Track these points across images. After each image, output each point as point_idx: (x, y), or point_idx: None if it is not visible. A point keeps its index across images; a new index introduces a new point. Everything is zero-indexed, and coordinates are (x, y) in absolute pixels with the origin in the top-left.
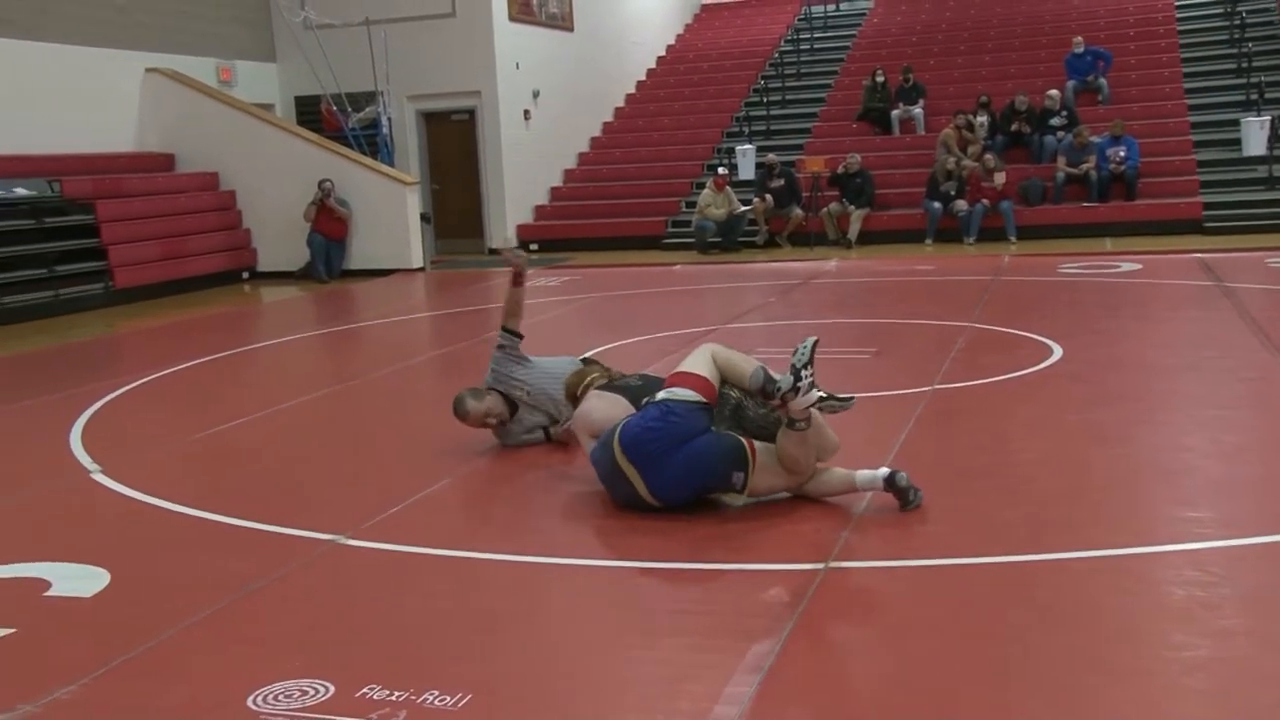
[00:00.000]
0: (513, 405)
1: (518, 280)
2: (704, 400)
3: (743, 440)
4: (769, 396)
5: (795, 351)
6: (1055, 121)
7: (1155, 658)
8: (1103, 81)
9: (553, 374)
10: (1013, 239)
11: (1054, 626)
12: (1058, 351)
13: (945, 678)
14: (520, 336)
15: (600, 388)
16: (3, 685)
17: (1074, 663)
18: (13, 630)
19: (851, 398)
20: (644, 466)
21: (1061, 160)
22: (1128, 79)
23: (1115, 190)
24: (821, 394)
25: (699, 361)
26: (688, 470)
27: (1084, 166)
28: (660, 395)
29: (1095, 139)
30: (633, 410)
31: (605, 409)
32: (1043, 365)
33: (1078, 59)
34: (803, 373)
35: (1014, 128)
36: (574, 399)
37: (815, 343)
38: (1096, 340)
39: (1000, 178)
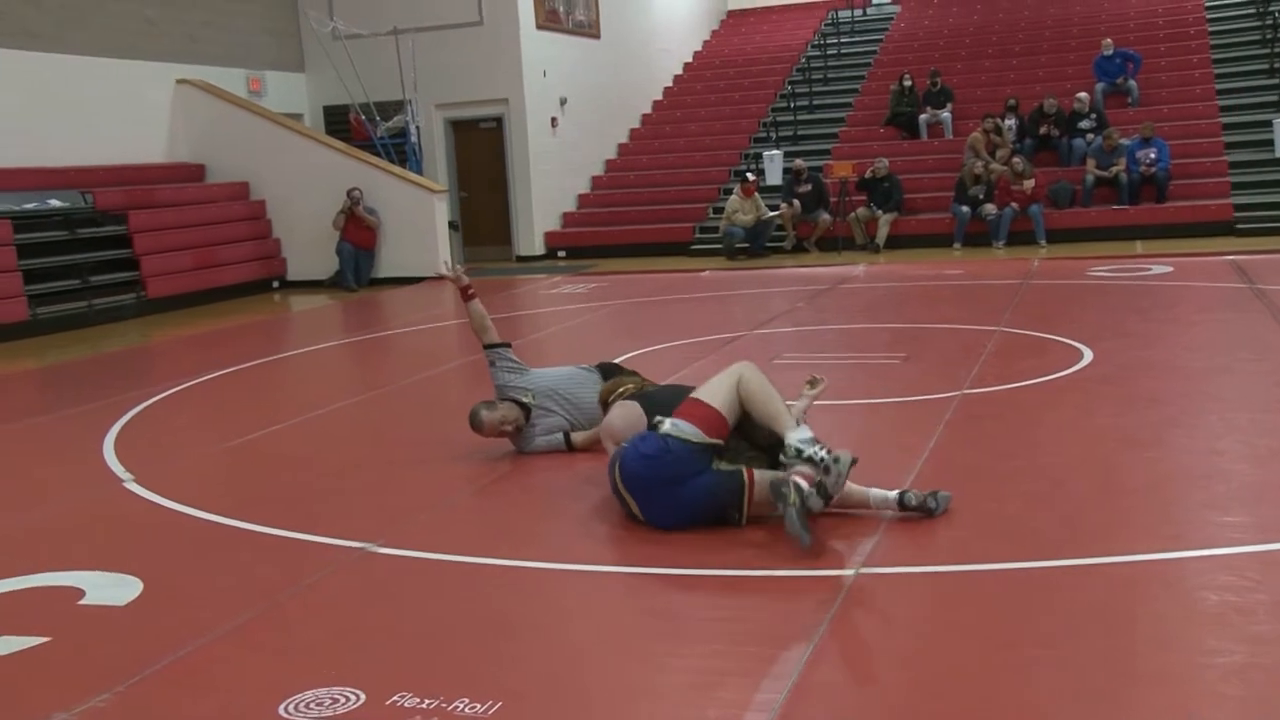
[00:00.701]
0: (526, 410)
1: (466, 295)
2: (707, 441)
3: (743, 478)
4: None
5: (828, 469)
6: (1084, 124)
7: (1190, 664)
8: (1132, 83)
9: (557, 378)
10: (1042, 242)
11: (1086, 633)
12: (1088, 355)
13: (976, 685)
14: (506, 345)
15: (630, 398)
16: (38, 693)
17: (1107, 670)
18: (47, 639)
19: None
20: (638, 496)
21: (1091, 163)
22: (1158, 81)
23: (1145, 193)
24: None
25: (720, 390)
26: (678, 506)
27: (1114, 169)
28: (666, 425)
29: (1125, 141)
30: (645, 421)
31: (625, 418)
32: (1073, 369)
33: (1107, 61)
34: (833, 497)
35: (1042, 131)
36: (604, 405)
37: (853, 463)
38: (1127, 343)
39: (1029, 184)
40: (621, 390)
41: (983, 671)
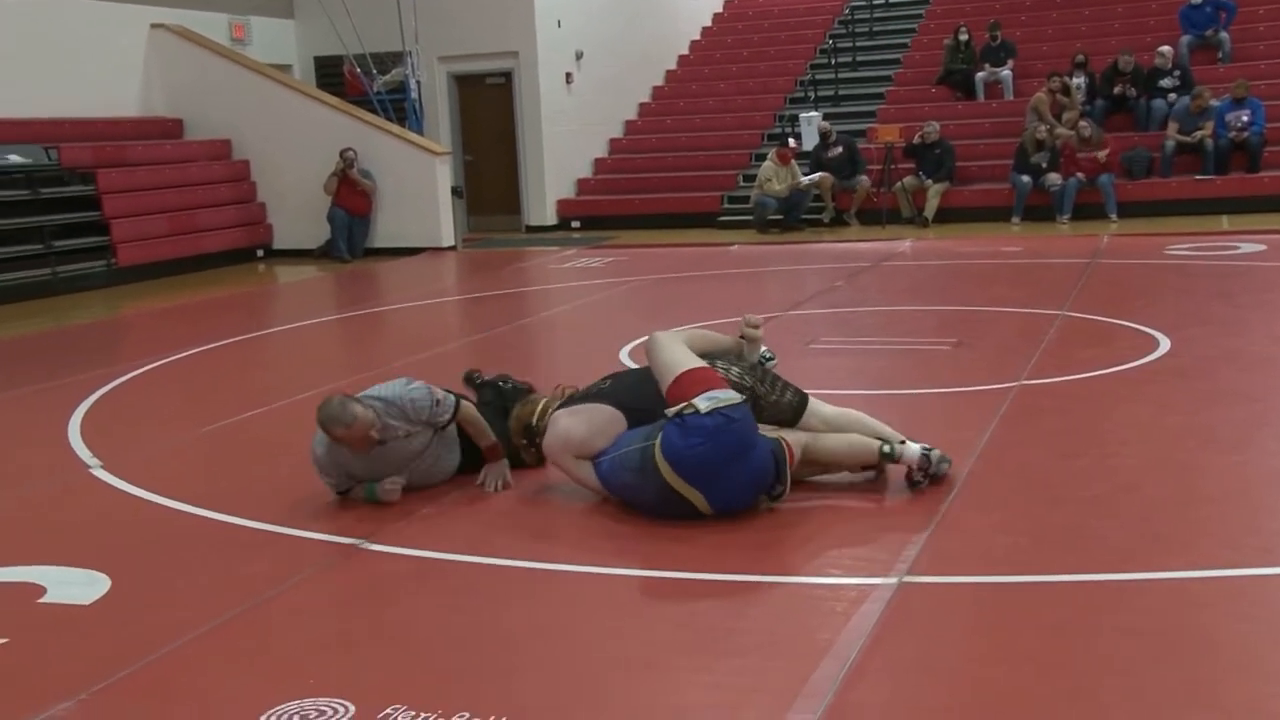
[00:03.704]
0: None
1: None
2: (742, 395)
3: (781, 442)
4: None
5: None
6: (1166, 83)
7: (1279, 696)
8: (1224, 36)
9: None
10: (1113, 217)
11: (1160, 657)
12: (1164, 344)
13: (1032, 712)
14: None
15: (562, 407)
16: None
17: (1183, 699)
18: (3, 641)
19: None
20: (706, 485)
21: (1173, 127)
22: (1254, 32)
23: (1235, 161)
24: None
25: (687, 356)
26: (750, 474)
27: (1199, 134)
28: (702, 404)
29: (1214, 102)
30: (618, 414)
31: (586, 421)
32: (1147, 359)
33: (1194, 10)
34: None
35: (1117, 90)
36: (528, 431)
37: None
38: (1210, 332)
39: (1104, 154)
40: (544, 406)
41: (1039, 697)
